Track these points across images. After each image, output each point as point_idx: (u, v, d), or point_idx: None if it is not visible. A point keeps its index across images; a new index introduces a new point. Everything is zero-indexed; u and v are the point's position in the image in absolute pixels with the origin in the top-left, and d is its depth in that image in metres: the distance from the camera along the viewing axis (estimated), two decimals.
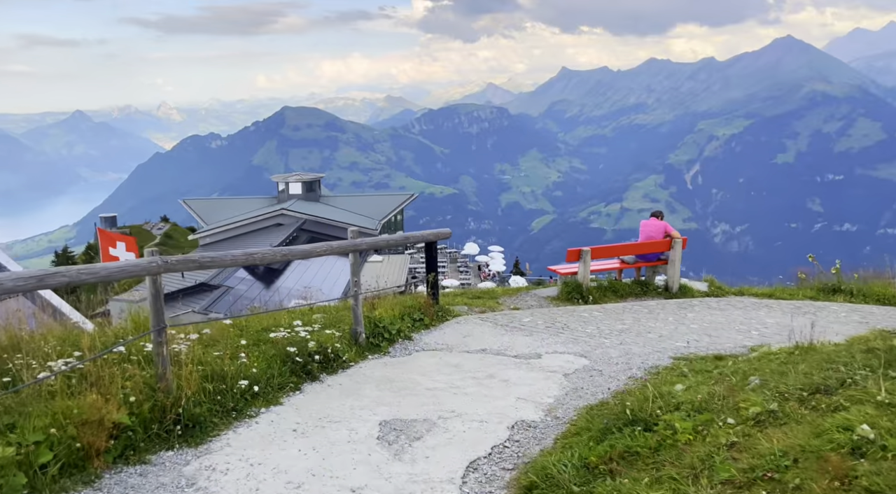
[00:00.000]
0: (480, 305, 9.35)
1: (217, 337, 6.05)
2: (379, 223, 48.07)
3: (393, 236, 7.19)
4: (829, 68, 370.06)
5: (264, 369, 5.50)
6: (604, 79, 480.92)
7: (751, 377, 4.19)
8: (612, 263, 10.63)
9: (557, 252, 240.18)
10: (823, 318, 9.04)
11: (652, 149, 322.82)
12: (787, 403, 3.43)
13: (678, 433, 3.47)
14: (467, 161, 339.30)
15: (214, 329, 6.09)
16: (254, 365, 5.46)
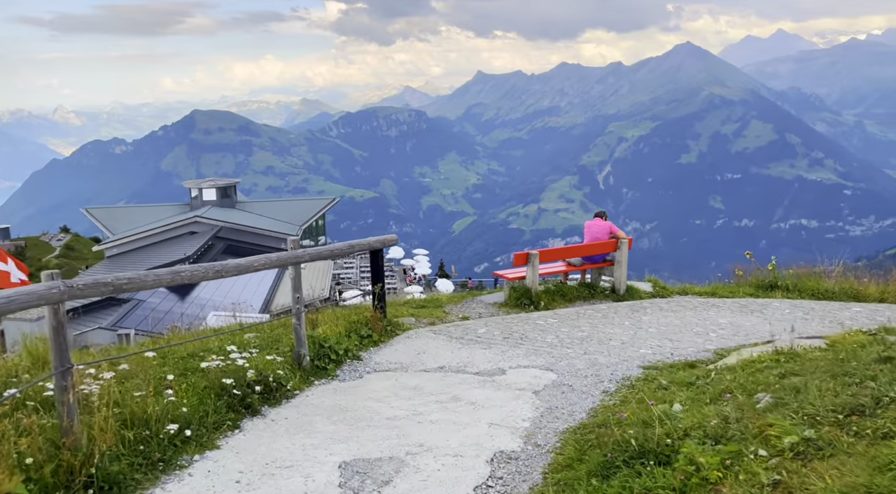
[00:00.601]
0: (428, 315, 8.75)
1: (136, 369, 5.16)
2: (300, 228, 46.54)
3: (337, 245, 6.49)
4: (725, 73, 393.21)
5: (196, 406, 4.68)
6: (518, 82, 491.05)
7: (758, 394, 3.80)
8: (558, 266, 10.30)
9: (479, 253, 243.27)
10: (770, 315, 9.02)
11: (566, 151, 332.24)
12: (822, 428, 3.03)
13: (704, 469, 3.00)
14: (387, 164, 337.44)
15: (133, 360, 5.20)
16: (183, 401, 4.64)
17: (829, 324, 8.73)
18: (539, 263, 9.54)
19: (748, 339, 7.52)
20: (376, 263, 7.30)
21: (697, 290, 10.97)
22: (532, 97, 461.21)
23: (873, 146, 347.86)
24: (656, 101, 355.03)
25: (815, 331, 8.18)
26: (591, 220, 10.50)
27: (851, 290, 10.99)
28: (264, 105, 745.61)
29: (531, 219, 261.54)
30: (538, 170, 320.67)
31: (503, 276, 9.84)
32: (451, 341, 7.11)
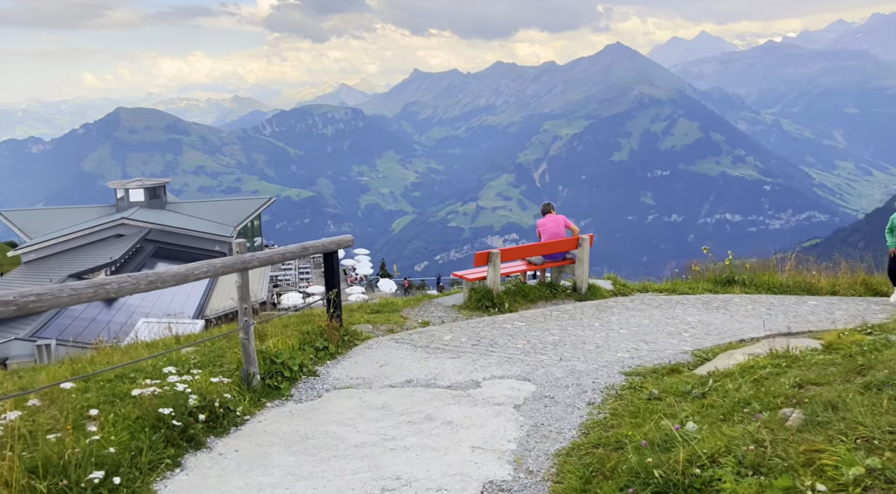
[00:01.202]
0: (384, 321, 8.12)
1: (52, 396, 4.35)
2: (235, 229, 44.81)
3: (290, 248, 5.78)
4: (653, 73, 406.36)
5: (126, 443, 3.93)
6: (455, 81, 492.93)
7: (783, 409, 3.38)
8: (518, 266, 9.86)
9: (419, 251, 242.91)
10: (735, 311, 8.85)
11: (503, 149, 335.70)
12: (884, 454, 2.62)
13: None
14: (323, 163, 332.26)
15: (46, 387, 4.37)
16: (110, 439, 3.88)
17: (792, 319, 8.61)
18: (500, 263, 9.06)
19: (721, 338, 7.26)
20: (331, 266, 6.62)
21: (657, 287, 10.75)
22: (469, 96, 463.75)
23: (790, 143, 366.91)
24: (589, 100, 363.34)
25: (783, 328, 8.01)
26: (544, 217, 10.08)
27: (804, 284, 11.03)
28: (194, 103, 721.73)
29: (470, 216, 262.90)
30: (476, 169, 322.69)
31: (463, 277, 9.31)
32: (415, 350, 6.51)
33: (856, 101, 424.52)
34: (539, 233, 10.04)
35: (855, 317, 8.86)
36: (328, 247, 6.33)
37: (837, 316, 8.94)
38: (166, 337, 7.47)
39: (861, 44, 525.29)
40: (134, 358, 6.10)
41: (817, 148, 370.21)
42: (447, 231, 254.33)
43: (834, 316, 8.99)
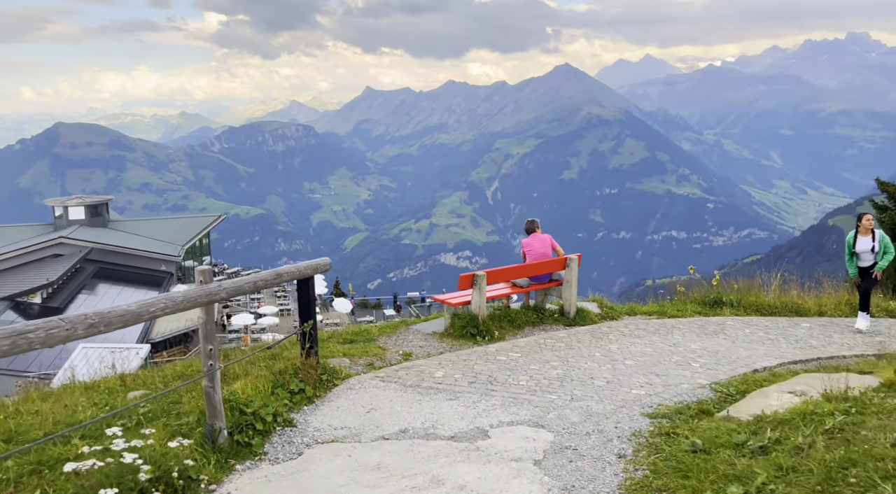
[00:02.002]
0: (362, 353, 7.25)
1: None
2: (182, 249, 42.89)
3: (262, 275, 4.88)
4: (601, 94, 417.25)
5: None
6: (407, 99, 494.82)
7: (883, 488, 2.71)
8: (502, 288, 9.13)
9: (372, 269, 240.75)
10: (735, 336, 8.34)
11: (455, 167, 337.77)
12: None
13: None
14: (274, 180, 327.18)
15: None
16: None
17: (794, 343, 8.15)
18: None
19: (734, 368, 6.69)
20: (306, 294, 5.74)
21: (645, 310, 10.20)
22: (421, 114, 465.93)
23: (730, 163, 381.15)
24: (539, 120, 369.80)
25: (790, 355, 7.52)
26: (529, 237, 9.39)
27: (791, 304, 10.68)
28: (138, 118, 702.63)
29: (423, 234, 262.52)
30: (429, 186, 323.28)
31: (445, 302, 8.52)
32: (405, 391, 5.67)
33: (791, 124, 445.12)
34: (523, 254, 9.35)
35: (857, 342, 8.46)
36: (304, 273, 5.46)
37: (836, 339, 8.55)
38: (110, 378, 6.42)
39: (795, 69, 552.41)
40: (70, 407, 5.09)
41: (756, 167, 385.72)
42: (401, 248, 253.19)
43: (832, 339, 8.60)
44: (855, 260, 9.41)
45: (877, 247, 9.16)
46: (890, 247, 9.12)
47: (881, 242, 9.17)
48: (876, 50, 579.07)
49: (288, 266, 5.35)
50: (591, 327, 8.55)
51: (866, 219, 9.43)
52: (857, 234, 9.37)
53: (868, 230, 9.30)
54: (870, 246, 9.20)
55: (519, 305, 9.56)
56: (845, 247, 9.63)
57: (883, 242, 9.17)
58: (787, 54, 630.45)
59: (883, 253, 9.11)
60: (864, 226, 9.31)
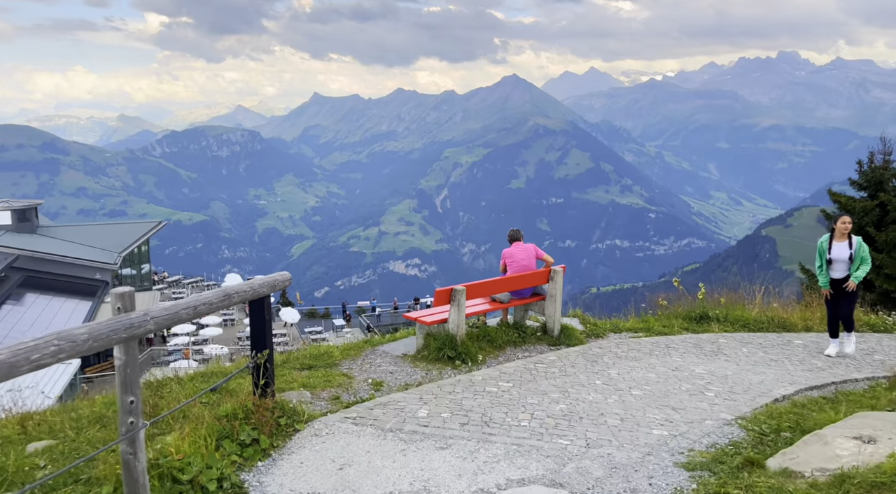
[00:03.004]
0: (325, 383, 6.16)
1: None
2: (119, 256, 40.40)
3: (204, 297, 3.71)
4: (547, 105, 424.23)
5: None
6: (356, 106, 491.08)
7: None
8: (481, 304, 8.17)
9: (319, 277, 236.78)
10: (735, 357, 7.62)
11: (405, 175, 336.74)
12: None
13: None
14: (218, 186, 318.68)
15: None
16: None
17: (801, 366, 7.47)
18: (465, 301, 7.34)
19: (752, 397, 5.91)
20: (261, 317, 4.63)
21: (629, 326, 9.42)
22: (370, 121, 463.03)
23: (671, 174, 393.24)
24: (487, 129, 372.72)
25: (803, 380, 6.82)
26: (511, 246, 8.46)
27: (777, 319, 10.12)
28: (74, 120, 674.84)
29: (372, 241, 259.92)
30: (378, 193, 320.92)
31: (418, 320, 7.49)
32: (384, 437, 4.61)
33: (727, 137, 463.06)
34: (504, 266, 8.41)
35: (862, 363, 7.87)
36: (259, 292, 4.36)
37: (837, 359, 7.96)
38: (7, 420, 5.15)
39: (730, 85, 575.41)
40: None
41: (695, 179, 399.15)
42: (349, 256, 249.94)
43: (833, 358, 8.00)
44: (827, 269, 8.14)
45: (854, 254, 7.93)
46: (867, 256, 7.95)
47: (858, 250, 7.93)
48: (805, 68, 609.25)
49: (239, 284, 4.24)
50: (580, 348, 7.67)
51: (842, 222, 7.99)
52: (831, 239, 8.08)
53: (844, 234, 7.99)
54: (847, 253, 7.94)
55: (497, 322, 8.62)
56: (817, 254, 8.31)
57: (861, 250, 7.93)
58: (724, 71, 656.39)
59: (860, 262, 7.90)
60: (840, 229, 7.96)
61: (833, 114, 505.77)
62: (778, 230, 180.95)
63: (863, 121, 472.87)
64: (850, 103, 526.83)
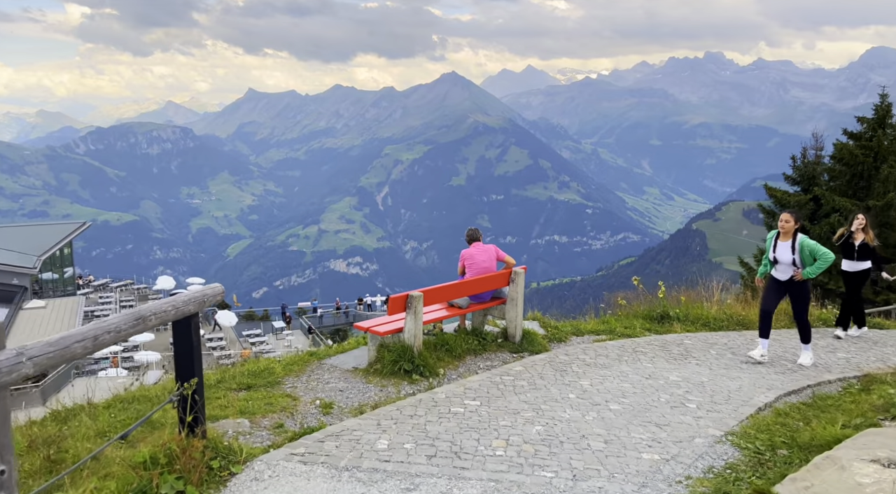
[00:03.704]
0: (266, 408, 5.39)
1: None
2: (38, 260, 37.77)
3: (109, 323, 2.88)
4: (487, 102, 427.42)
5: None
6: (293, 102, 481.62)
7: None
8: (438, 311, 7.53)
9: (257, 278, 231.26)
10: (705, 360, 7.26)
11: (344, 172, 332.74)
12: None
13: None
14: (148, 184, 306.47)
15: None
16: None
17: (773, 368, 7.18)
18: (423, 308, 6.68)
19: (734, 407, 5.51)
20: (187, 339, 3.85)
21: (590, 328, 8.98)
22: (308, 117, 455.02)
23: (606, 171, 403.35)
24: (428, 126, 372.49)
25: (779, 384, 6.49)
26: (471, 247, 7.86)
27: (736, 317, 9.91)
28: None
29: (312, 240, 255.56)
30: (317, 191, 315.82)
31: (371, 330, 6.78)
32: (338, 478, 3.89)
33: (659, 134, 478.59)
34: (462, 268, 7.79)
35: (830, 361, 7.65)
36: (183, 310, 3.58)
37: (805, 359, 7.73)
38: None
39: (661, 84, 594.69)
40: None
41: (629, 175, 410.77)
42: (287, 255, 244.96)
43: (798, 356, 7.77)
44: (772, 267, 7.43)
45: (797, 259, 7.03)
46: (821, 253, 6.95)
47: (802, 251, 7.00)
48: (729, 68, 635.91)
49: (157, 302, 3.45)
50: (545, 356, 7.14)
51: (781, 221, 7.14)
52: (778, 236, 7.28)
53: (787, 233, 7.10)
54: (789, 256, 7.07)
55: (454, 329, 8.01)
56: (767, 249, 7.54)
57: (805, 251, 6.98)
58: (655, 69, 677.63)
59: (813, 260, 6.98)
60: (780, 227, 7.17)
61: (756, 113, 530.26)
62: (707, 224, 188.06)
63: (783, 119, 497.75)
64: (772, 102, 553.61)
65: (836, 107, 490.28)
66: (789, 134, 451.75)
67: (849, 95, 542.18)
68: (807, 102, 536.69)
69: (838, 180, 22.43)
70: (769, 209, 23.46)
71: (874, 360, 7.80)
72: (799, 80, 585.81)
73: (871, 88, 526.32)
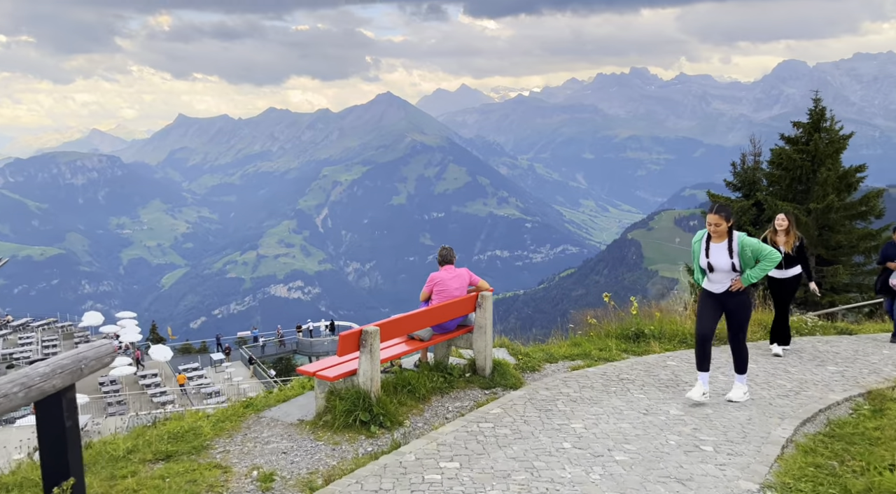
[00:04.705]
0: (187, 489, 4.22)
1: None
2: None
3: None
4: (423, 122, 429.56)
5: None
6: (225, 126, 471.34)
7: None
8: (397, 346, 6.49)
9: (194, 307, 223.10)
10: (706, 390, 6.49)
11: (282, 196, 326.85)
12: None
13: None
14: (74, 216, 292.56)
15: None
16: None
17: (775, 391, 6.46)
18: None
19: (757, 448, 4.70)
20: (56, 426, 2.70)
21: (563, 352, 8.11)
22: (242, 141, 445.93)
23: (543, 185, 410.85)
24: (365, 147, 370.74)
25: (791, 412, 5.75)
26: (442, 270, 6.76)
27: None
28: None
29: (251, 266, 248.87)
30: (254, 216, 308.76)
31: (318, 375, 5.68)
32: None
33: (591, 148, 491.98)
34: (428, 294, 6.73)
35: (825, 376, 7.01)
36: (43, 387, 2.45)
37: (796, 375, 7.06)
38: None
39: (591, 99, 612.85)
40: None
41: (565, 189, 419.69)
42: (225, 283, 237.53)
43: (792, 374, 7.10)
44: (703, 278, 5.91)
45: (737, 263, 5.54)
46: (766, 253, 5.48)
47: (743, 253, 5.51)
48: (654, 83, 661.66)
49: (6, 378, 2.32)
50: (523, 392, 6.19)
51: (709, 224, 5.61)
52: (709, 239, 5.67)
53: (721, 236, 5.56)
54: (726, 260, 5.53)
55: (415, 363, 6.99)
56: (695, 255, 5.85)
57: (747, 252, 5.50)
58: (584, 86, 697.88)
59: (755, 261, 5.54)
60: (711, 232, 5.62)
61: (681, 125, 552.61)
62: (642, 233, 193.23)
63: (706, 131, 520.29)
64: (695, 114, 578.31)
65: (753, 118, 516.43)
66: (713, 144, 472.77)
67: (764, 106, 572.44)
68: (727, 114, 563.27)
69: (778, 185, 22.59)
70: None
71: (868, 373, 7.23)
72: (719, 93, 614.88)
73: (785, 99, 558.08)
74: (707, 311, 5.87)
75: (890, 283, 9.17)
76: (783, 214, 7.87)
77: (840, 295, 20.26)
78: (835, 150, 21.25)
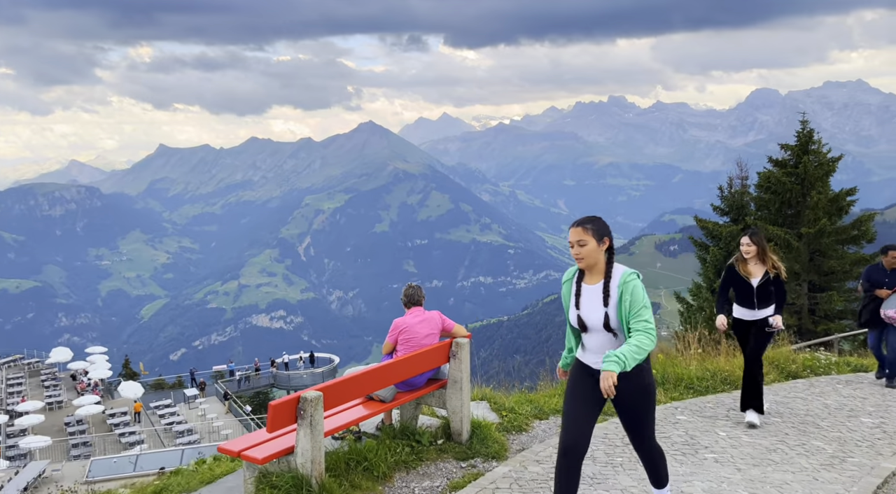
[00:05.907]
0: None
1: None
2: None
3: None
4: (405, 150, 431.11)
5: None
6: (207, 156, 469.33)
7: None
8: (351, 412, 5.26)
9: (174, 339, 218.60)
10: (722, 451, 5.34)
11: (264, 225, 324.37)
12: None
13: None
14: (51, 248, 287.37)
15: None
16: None
17: (811, 457, 5.34)
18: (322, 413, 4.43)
19: None
20: None
21: (553, 405, 6.92)
22: (223, 171, 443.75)
23: (525, 212, 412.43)
24: (347, 175, 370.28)
25: (845, 491, 4.62)
26: (409, 313, 5.51)
27: (720, 373, 8.12)
28: None
29: (232, 296, 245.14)
30: (236, 245, 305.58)
31: (244, 456, 4.43)
32: None
33: (572, 175, 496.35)
34: (392, 344, 5.48)
35: (864, 434, 5.90)
36: None
37: (832, 433, 5.96)
38: None
39: (571, 127, 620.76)
40: None
41: (546, 215, 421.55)
42: (206, 313, 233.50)
43: (823, 430, 6.00)
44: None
45: (614, 317, 3.42)
46: (641, 319, 3.32)
47: (621, 303, 3.40)
48: (632, 111, 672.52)
49: None
50: (508, 469, 4.97)
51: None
52: (580, 277, 3.70)
53: (599, 269, 3.60)
54: (600, 314, 3.46)
55: (376, 427, 5.77)
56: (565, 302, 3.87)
57: (623, 304, 3.39)
58: (564, 114, 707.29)
59: (628, 328, 3.39)
60: (574, 253, 3.57)
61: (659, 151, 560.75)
62: (623, 258, 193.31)
63: (684, 157, 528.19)
64: (672, 141, 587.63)
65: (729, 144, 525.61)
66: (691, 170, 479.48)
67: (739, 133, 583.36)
68: (703, 140, 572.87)
69: (767, 209, 21.74)
70: (700, 242, 22.56)
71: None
72: (695, 120, 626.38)
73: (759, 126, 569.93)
74: (578, 404, 3.42)
75: (883, 314, 7.59)
76: (748, 237, 5.94)
77: (834, 322, 19.35)
78: (824, 173, 20.49)
